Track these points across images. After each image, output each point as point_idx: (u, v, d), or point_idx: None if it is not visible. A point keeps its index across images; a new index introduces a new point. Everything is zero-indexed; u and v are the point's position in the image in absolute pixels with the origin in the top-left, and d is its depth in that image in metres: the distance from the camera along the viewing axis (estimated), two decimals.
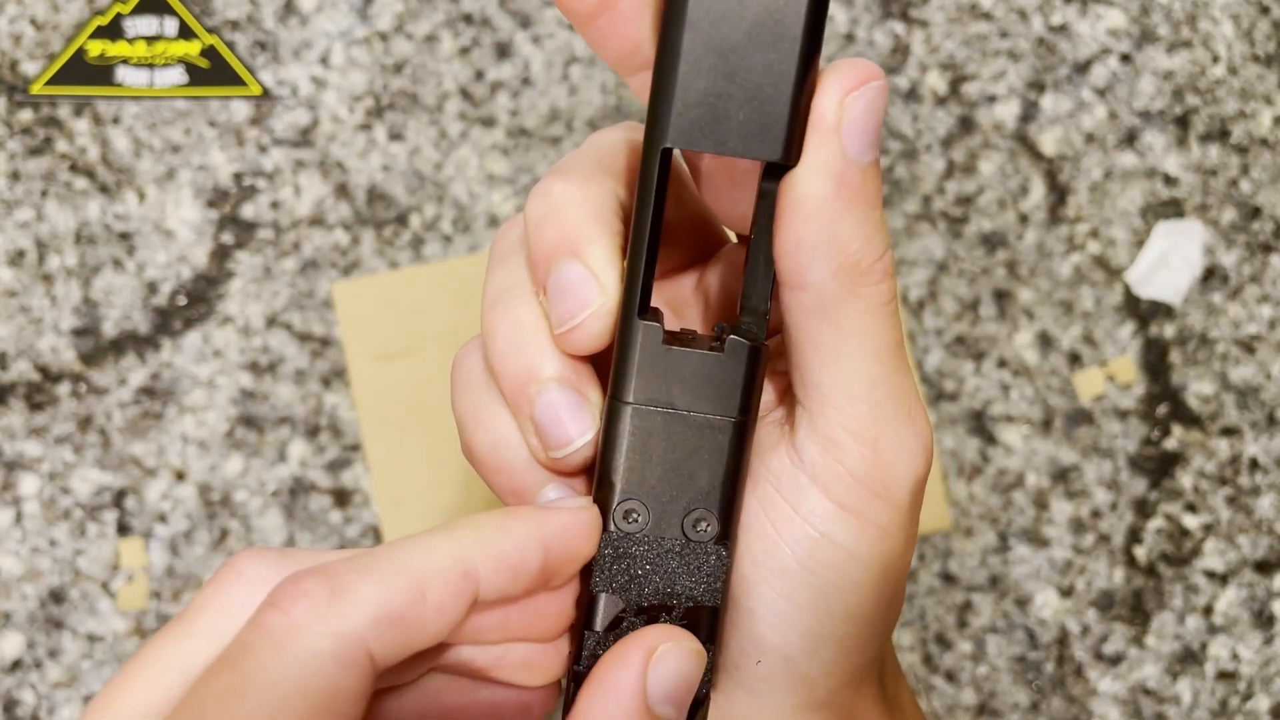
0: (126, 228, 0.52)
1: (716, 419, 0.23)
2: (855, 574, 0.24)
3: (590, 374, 0.25)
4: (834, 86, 0.22)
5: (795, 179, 0.23)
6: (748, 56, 0.22)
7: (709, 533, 0.24)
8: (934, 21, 0.55)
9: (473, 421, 0.26)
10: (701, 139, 0.22)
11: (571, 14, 0.23)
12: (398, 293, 0.52)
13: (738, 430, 0.23)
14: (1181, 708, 0.54)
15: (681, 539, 0.24)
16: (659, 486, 0.23)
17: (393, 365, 0.52)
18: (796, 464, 0.24)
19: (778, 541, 0.24)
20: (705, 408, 0.23)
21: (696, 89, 0.22)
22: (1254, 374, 0.55)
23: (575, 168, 0.25)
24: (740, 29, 0.22)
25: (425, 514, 0.51)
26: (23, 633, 0.51)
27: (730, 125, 0.22)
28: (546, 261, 0.24)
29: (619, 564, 0.24)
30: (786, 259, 0.23)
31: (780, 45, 0.22)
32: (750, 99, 0.22)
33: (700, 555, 0.24)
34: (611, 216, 0.24)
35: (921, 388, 0.54)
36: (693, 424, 0.23)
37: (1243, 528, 0.55)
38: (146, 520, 0.51)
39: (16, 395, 0.52)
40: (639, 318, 0.23)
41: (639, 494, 0.24)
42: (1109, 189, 0.55)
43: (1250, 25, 0.57)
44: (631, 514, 0.24)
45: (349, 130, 0.53)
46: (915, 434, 0.24)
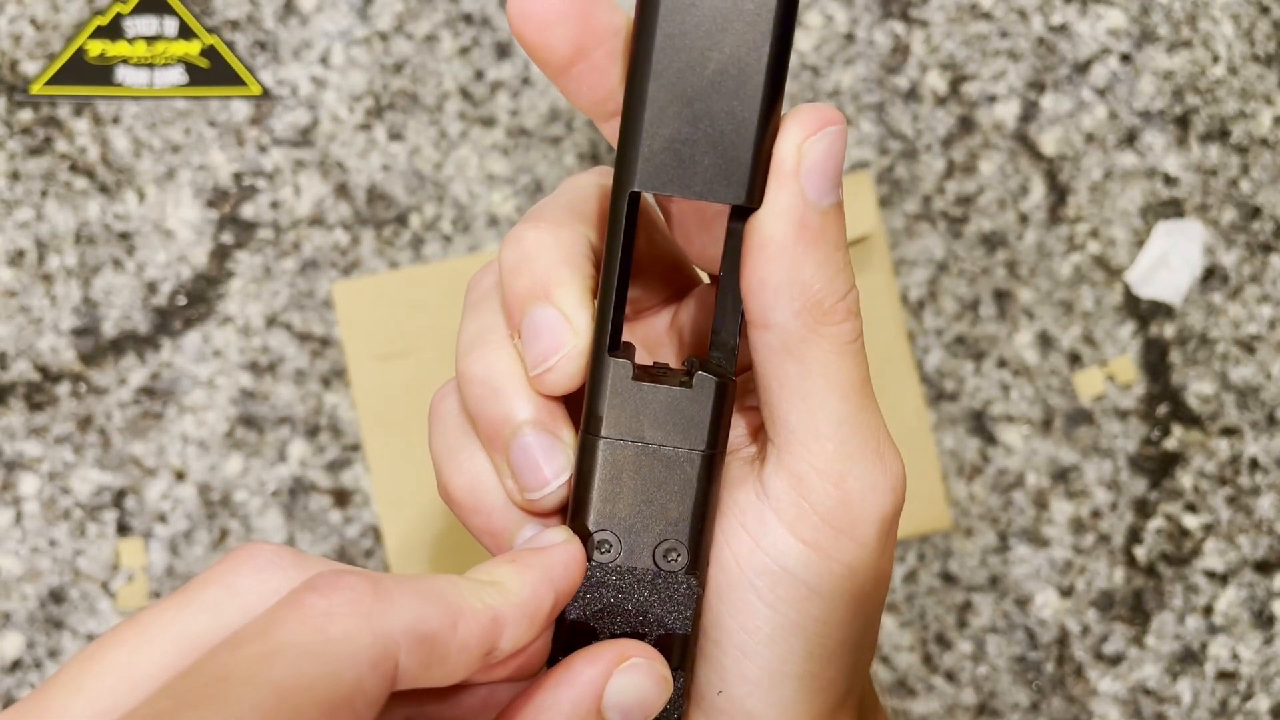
0: (126, 228, 0.52)
1: (685, 451, 0.24)
2: (817, 611, 0.24)
3: (564, 415, 0.25)
4: (794, 131, 0.23)
5: (758, 222, 0.23)
6: (712, 103, 0.23)
7: (680, 563, 0.24)
8: (934, 21, 0.55)
9: (449, 463, 0.26)
10: (668, 183, 0.23)
11: (545, 66, 0.24)
12: (397, 293, 0.52)
13: (706, 463, 0.24)
14: (1181, 708, 0.54)
15: (653, 568, 0.24)
16: (631, 518, 0.24)
17: (392, 365, 0.52)
18: (762, 498, 0.24)
19: (741, 576, 0.24)
20: (674, 441, 0.24)
21: (662, 135, 0.23)
22: (1254, 374, 0.55)
23: (547, 215, 0.26)
24: (704, 76, 0.23)
25: (425, 514, 0.51)
26: (23, 633, 0.51)
27: (695, 169, 0.23)
28: (520, 306, 0.25)
29: (592, 593, 0.24)
30: (752, 298, 0.23)
31: (743, 92, 0.23)
32: (714, 144, 0.23)
33: (671, 585, 0.24)
34: (583, 260, 0.25)
35: (921, 387, 0.54)
36: (662, 457, 0.24)
37: (1243, 528, 0.55)
38: (146, 520, 0.51)
39: (16, 395, 0.52)
40: (609, 354, 0.24)
41: (611, 525, 0.24)
42: (1109, 189, 0.55)
43: (1250, 25, 0.57)
44: (604, 544, 0.24)
45: (349, 130, 0.53)
46: (883, 471, 0.24)
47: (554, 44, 0.23)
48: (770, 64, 0.23)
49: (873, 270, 0.53)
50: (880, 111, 0.55)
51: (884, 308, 0.53)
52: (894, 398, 0.53)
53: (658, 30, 0.23)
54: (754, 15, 0.23)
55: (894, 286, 0.53)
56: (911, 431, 0.53)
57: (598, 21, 0.23)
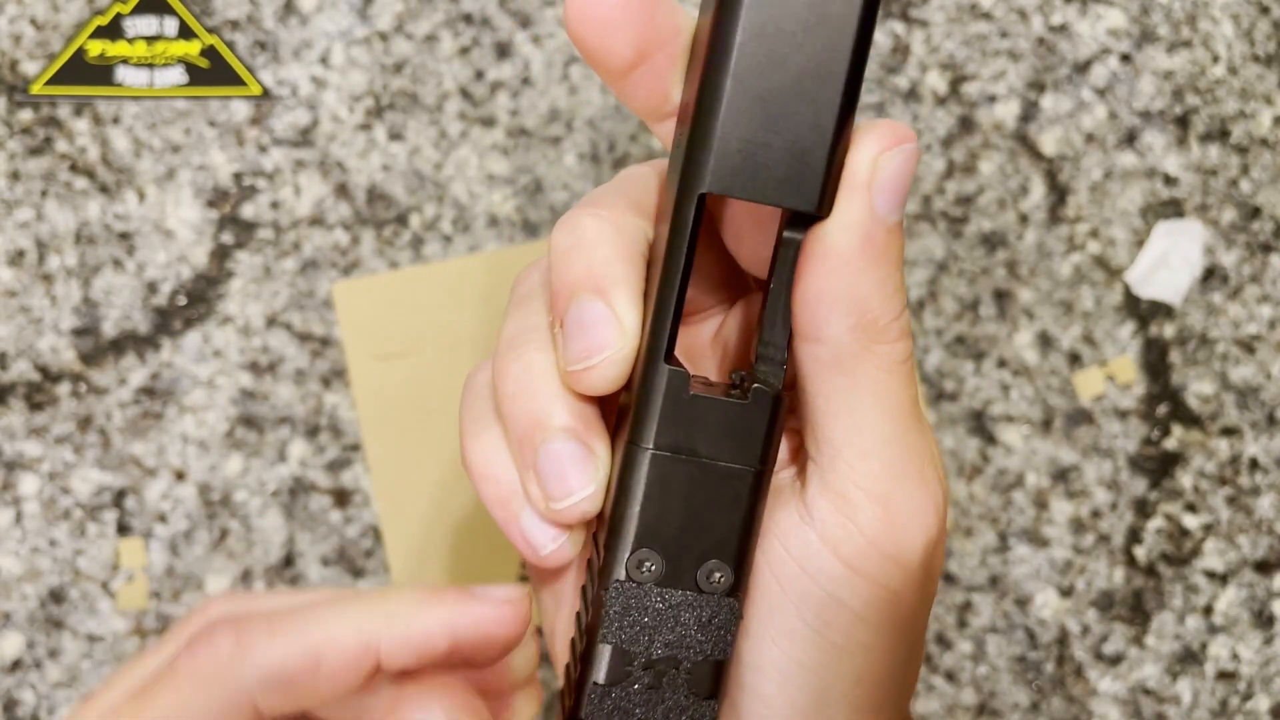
0: (126, 228, 0.52)
1: (737, 468, 0.23)
2: (864, 637, 0.24)
3: (599, 426, 0.25)
4: (870, 144, 0.23)
5: (823, 231, 0.23)
6: (789, 106, 0.22)
7: (723, 584, 0.23)
8: (934, 21, 0.55)
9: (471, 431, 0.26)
10: (739, 186, 0.22)
11: (605, 70, 0.23)
12: (398, 293, 0.52)
13: (757, 480, 0.23)
14: (1181, 707, 0.54)
15: (694, 590, 0.23)
16: (674, 535, 0.23)
17: (393, 365, 0.52)
18: (806, 521, 0.24)
19: (784, 600, 0.24)
20: (727, 456, 0.23)
21: (737, 136, 0.22)
22: (1254, 374, 0.55)
23: (607, 203, 0.25)
24: (783, 79, 0.22)
25: (425, 514, 0.51)
26: (22, 633, 0.51)
27: (768, 174, 0.22)
28: (568, 295, 0.24)
29: (628, 615, 0.23)
30: (805, 310, 0.23)
31: (821, 97, 0.22)
32: (789, 149, 0.22)
33: (712, 608, 0.23)
34: (639, 258, 0.24)
35: (922, 388, 0.54)
36: (713, 472, 0.23)
37: (1243, 528, 0.55)
38: (146, 520, 0.51)
39: (16, 395, 0.52)
40: (665, 363, 0.23)
41: (653, 543, 0.23)
42: (1109, 189, 0.55)
43: (1250, 25, 0.57)
44: (644, 564, 0.23)
45: (349, 130, 0.53)
46: (928, 495, 0.24)
47: (616, 47, 0.23)
48: (850, 70, 0.22)
49: None
50: (880, 111, 0.55)
51: None
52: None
53: (740, 29, 0.22)
54: (838, 19, 0.22)
55: None
56: None
57: (660, 22, 0.23)
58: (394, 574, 0.51)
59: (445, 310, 0.52)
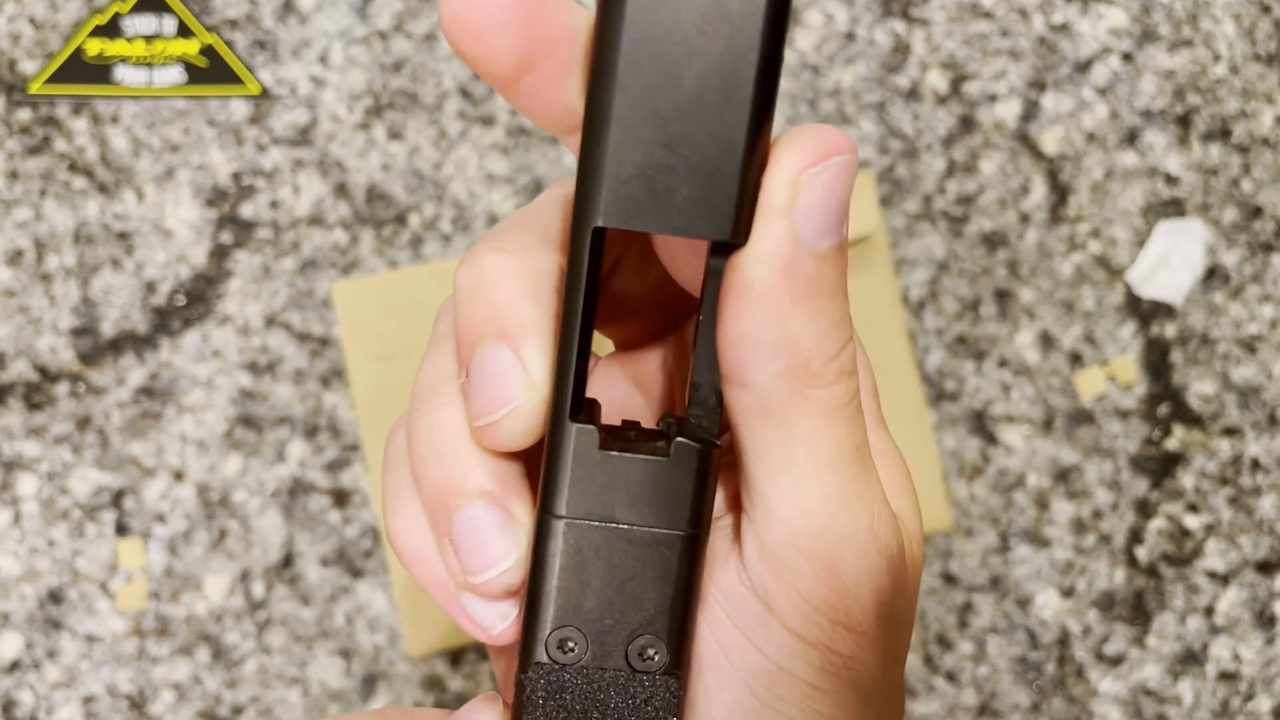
0: (125, 227, 0.52)
1: (663, 533, 0.20)
2: (824, 708, 0.21)
3: (520, 486, 0.22)
4: (790, 159, 0.19)
5: (740, 263, 0.20)
6: (690, 120, 0.19)
7: (658, 662, 0.20)
8: (935, 20, 0.55)
9: (393, 506, 0.23)
10: (638, 216, 0.19)
11: (489, 79, 0.20)
12: (397, 293, 0.52)
13: (688, 545, 0.20)
14: (1183, 708, 0.54)
15: (626, 669, 0.20)
16: (598, 611, 0.20)
17: (392, 365, 0.51)
18: (747, 585, 0.21)
19: (732, 674, 0.21)
20: (650, 520, 0.20)
21: (631, 160, 0.19)
22: (1255, 374, 0.55)
23: (513, 236, 0.22)
24: (681, 89, 0.19)
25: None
26: (21, 633, 0.51)
27: (671, 200, 0.19)
28: (471, 342, 0.21)
29: (553, 699, 0.20)
30: (728, 351, 0.20)
31: (727, 107, 0.19)
32: (693, 169, 0.19)
33: (648, 687, 0.20)
34: (551, 295, 0.21)
35: (922, 387, 0.54)
36: (636, 539, 0.20)
37: (1244, 528, 0.55)
38: (145, 520, 0.51)
39: (15, 395, 0.52)
40: (570, 419, 0.20)
41: (575, 620, 0.20)
42: (1110, 188, 0.55)
43: (1251, 24, 0.56)
44: (567, 643, 0.20)
45: (348, 129, 0.53)
46: (879, 550, 0.21)
47: (496, 55, 0.20)
48: (759, 75, 0.19)
49: (873, 270, 0.53)
50: (881, 111, 0.55)
51: (884, 308, 0.53)
52: (894, 398, 0.53)
53: (623, 34, 0.19)
54: (740, 16, 0.19)
55: (894, 286, 0.53)
56: (912, 431, 0.53)
57: (548, 25, 0.20)
58: (393, 574, 0.51)
59: None
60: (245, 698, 0.51)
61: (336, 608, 0.51)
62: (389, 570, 0.51)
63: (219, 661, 0.51)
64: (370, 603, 0.51)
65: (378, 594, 0.51)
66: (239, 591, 0.51)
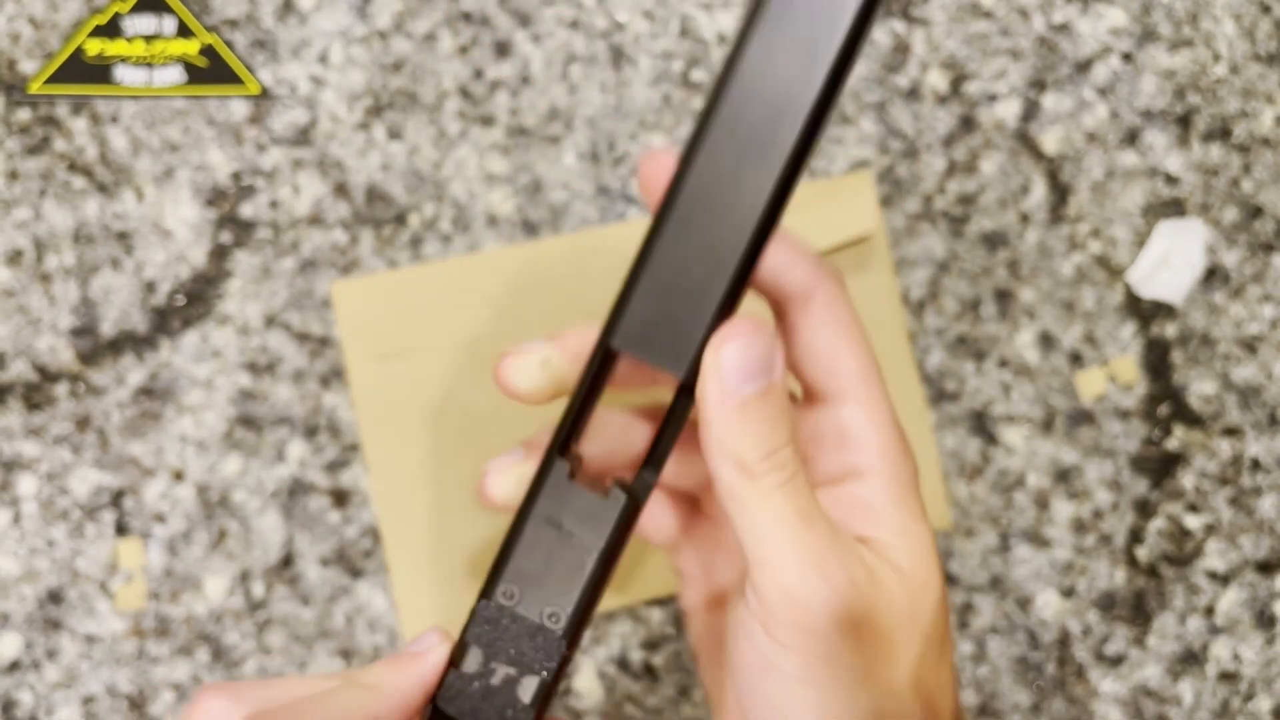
0: (125, 227, 0.52)
1: (587, 544, 0.30)
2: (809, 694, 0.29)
3: None
4: (717, 335, 0.27)
5: (696, 397, 0.28)
6: (691, 278, 0.27)
7: (559, 627, 0.29)
8: (935, 20, 0.55)
9: None
10: (636, 345, 0.28)
11: None
12: (396, 293, 0.52)
13: (600, 557, 0.30)
14: (1183, 708, 0.54)
15: (537, 623, 0.29)
16: (534, 580, 0.30)
17: (392, 365, 0.51)
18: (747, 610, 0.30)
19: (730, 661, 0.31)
20: (581, 533, 0.30)
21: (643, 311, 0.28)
22: (1256, 374, 0.55)
23: None
24: (695, 251, 0.27)
25: (423, 514, 0.51)
26: (21, 633, 0.51)
27: (661, 338, 0.28)
28: None
29: (490, 626, 0.30)
30: (704, 450, 0.28)
31: (714, 278, 0.27)
32: (681, 319, 0.27)
33: (548, 639, 0.29)
34: None
35: (922, 387, 0.54)
36: (570, 543, 0.30)
37: (1244, 528, 0.55)
38: (145, 520, 0.51)
39: (14, 395, 0.52)
40: (559, 453, 0.30)
41: (519, 581, 0.30)
42: (1110, 188, 0.55)
43: (1252, 24, 0.57)
44: (510, 593, 0.30)
45: (348, 129, 0.53)
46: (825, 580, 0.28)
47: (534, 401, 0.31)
48: (742, 260, 0.27)
49: (873, 269, 0.53)
50: (881, 110, 0.55)
51: (884, 307, 0.53)
52: (895, 398, 0.53)
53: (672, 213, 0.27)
54: (745, 211, 0.26)
55: (894, 286, 0.53)
56: (912, 431, 0.53)
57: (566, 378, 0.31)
58: (393, 575, 0.51)
59: (444, 310, 0.52)
60: None
61: (336, 608, 0.51)
62: (389, 571, 0.51)
63: (219, 661, 0.51)
64: (370, 603, 0.51)
65: (377, 594, 0.51)
66: (239, 591, 0.51)
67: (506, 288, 0.52)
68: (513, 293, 0.52)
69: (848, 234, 0.52)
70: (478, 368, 0.51)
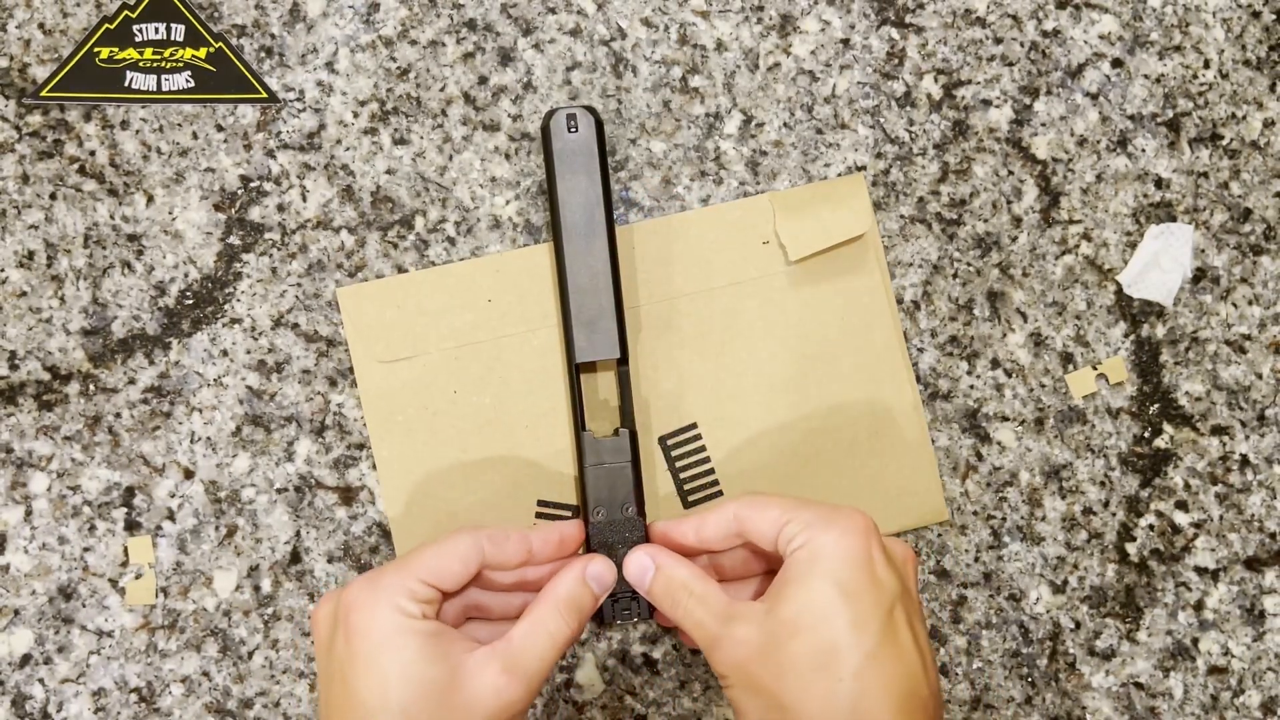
0: (135, 230, 0.53)
1: (622, 465, 0.50)
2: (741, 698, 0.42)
3: None
4: None
5: None
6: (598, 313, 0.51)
7: (631, 512, 0.49)
8: (929, 27, 0.56)
9: None
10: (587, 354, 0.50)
11: None
12: (402, 296, 0.52)
13: (633, 469, 0.50)
14: (1173, 702, 0.54)
15: (621, 517, 0.49)
16: (606, 498, 0.50)
17: (398, 368, 0.52)
18: None
19: None
20: (617, 461, 0.50)
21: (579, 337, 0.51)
22: (1244, 374, 0.56)
23: None
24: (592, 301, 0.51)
25: (430, 511, 0.52)
26: (32, 629, 0.51)
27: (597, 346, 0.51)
28: None
29: (597, 532, 0.49)
30: None
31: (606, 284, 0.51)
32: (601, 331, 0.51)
33: (629, 523, 0.49)
34: None
35: (916, 385, 0.54)
36: (613, 470, 0.50)
37: (1233, 525, 0.55)
38: (155, 518, 0.52)
39: (26, 394, 0.52)
40: (583, 429, 0.51)
41: (598, 502, 0.50)
42: (1101, 192, 0.56)
43: (1241, 30, 0.57)
44: (598, 510, 0.49)
45: (354, 134, 0.54)
46: None
47: None
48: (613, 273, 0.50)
49: (867, 270, 0.54)
50: (876, 116, 0.55)
51: (878, 306, 0.54)
52: (890, 396, 0.53)
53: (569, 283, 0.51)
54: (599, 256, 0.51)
55: (888, 285, 0.54)
56: (908, 428, 0.53)
57: None
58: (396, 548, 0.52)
59: (449, 313, 0.52)
60: (253, 691, 0.52)
61: None
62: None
63: (227, 656, 0.52)
64: None
65: None
66: (247, 587, 0.52)
67: (510, 290, 0.53)
68: (515, 294, 0.53)
69: (842, 235, 0.53)
70: (482, 368, 0.52)
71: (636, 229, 0.53)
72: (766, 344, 0.53)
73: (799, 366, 0.53)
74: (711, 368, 0.53)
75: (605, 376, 0.52)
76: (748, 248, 0.53)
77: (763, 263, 0.53)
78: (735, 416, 0.53)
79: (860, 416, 0.53)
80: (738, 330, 0.53)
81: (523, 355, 0.52)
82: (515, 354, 0.52)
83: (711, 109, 0.55)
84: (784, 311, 0.53)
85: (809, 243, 0.53)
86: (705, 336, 0.53)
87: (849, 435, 0.53)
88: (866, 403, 0.53)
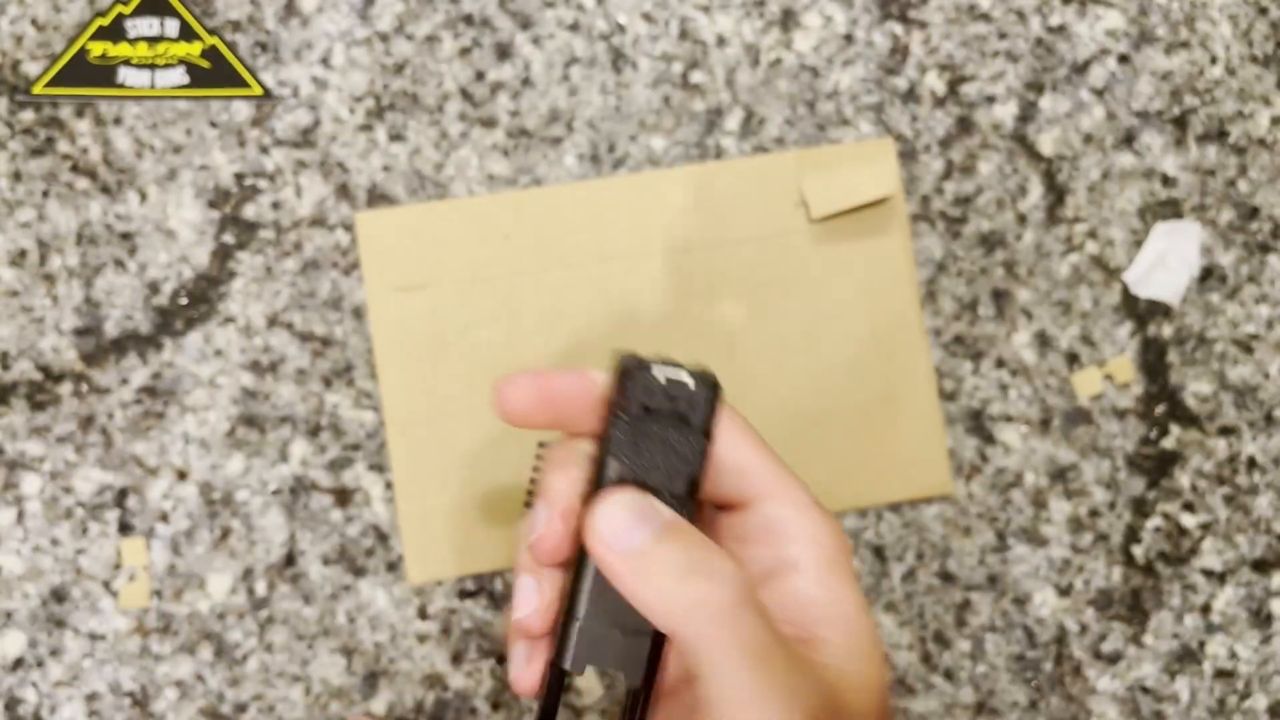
0: (128, 228, 0.53)
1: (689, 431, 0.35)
2: None
3: None
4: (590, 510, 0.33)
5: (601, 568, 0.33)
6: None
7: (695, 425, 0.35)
8: (932, 22, 0.56)
9: None
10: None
11: None
12: (420, 225, 0.53)
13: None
14: (1180, 706, 0.54)
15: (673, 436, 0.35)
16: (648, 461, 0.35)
17: (410, 297, 0.52)
18: None
19: None
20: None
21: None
22: (1252, 373, 0.55)
23: None
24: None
25: (431, 441, 0.52)
26: (24, 631, 0.51)
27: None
28: None
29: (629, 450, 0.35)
30: None
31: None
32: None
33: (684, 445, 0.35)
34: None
35: (931, 351, 0.54)
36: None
37: (1240, 527, 0.55)
38: (148, 519, 0.52)
39: (18, 395, 0.52)
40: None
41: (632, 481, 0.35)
42: (1107, 189, 0.56)
43: (1248, 26, 0.57)
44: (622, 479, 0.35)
45: (350, 131, 0.53)
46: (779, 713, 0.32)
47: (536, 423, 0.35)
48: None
49: (891, 232, 0.54)
50: (879, 112, 0.55)
51: (899, 271, 0.54)
52: (904, 361, 0.53)
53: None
54: None
55: (910, 249, 0.54)
56: (920, 396, 0.53)
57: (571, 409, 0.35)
58: (400, 505, 0.51)
59: (466, 245, 0.52)
60: (247, 695, 0.51)
61: (338, 606, 0.52)
62: (396, 503, 0.52)
63: (221, 659, 0.51)
64: (371, 601, 0.52)
65: (379, 592, 0.52)
66: (241, 590, 0.52)
67: (529, 226, 0.53)
68: (533, 233, 0.52)
69: (867, 196, 0.53)
70: (495, 303, 0.52)
71: (648, 176, 0.53)
72: (783, 301, 0.53)
73: (815, 326, 0.53)
74: (725, 321, 0.52)
75: None
76: (769, 204, 0.53)
77: (784, 219, 0.53)
78: (745, 371, 0.52)
79: (873, 380, 0.53)
80: (754, 285, 0.53)
81: (536, 294, 0.52)
82: (529, 291, 0.52)
83: (712, 105, 0.54)
84: (803, 270, 0.53)
85: (833, 201, 0.53)
86: (720, 289, 0.52)
87: (859, 398, 0.53)
88: (880, 367, 0.53)
